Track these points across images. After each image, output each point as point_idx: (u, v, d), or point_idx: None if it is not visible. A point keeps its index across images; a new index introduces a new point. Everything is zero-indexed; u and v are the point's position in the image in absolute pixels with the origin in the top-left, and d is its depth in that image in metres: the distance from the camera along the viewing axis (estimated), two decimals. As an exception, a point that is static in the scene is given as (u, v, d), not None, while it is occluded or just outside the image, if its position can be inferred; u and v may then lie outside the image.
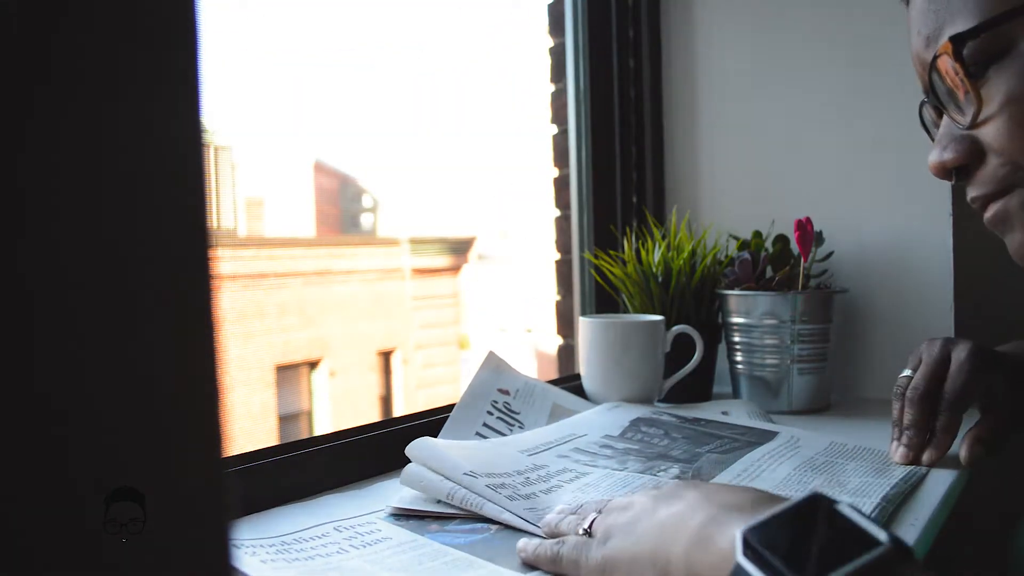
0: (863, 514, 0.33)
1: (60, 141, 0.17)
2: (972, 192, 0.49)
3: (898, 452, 0.66)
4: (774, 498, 0.41)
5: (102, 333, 0.18)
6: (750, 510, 0.38)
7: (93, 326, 0.18)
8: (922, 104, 0.55)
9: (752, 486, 0.59)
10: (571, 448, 0.69)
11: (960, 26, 0.45)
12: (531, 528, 0.52)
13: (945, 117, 0.50)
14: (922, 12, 0.49)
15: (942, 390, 0.65)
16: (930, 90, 0.50)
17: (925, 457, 0.65)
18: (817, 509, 0.34)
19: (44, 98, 0.17)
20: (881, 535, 0.32)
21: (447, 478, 0.57)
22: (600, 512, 0.47)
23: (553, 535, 0.49)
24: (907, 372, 0.68)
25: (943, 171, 0.50)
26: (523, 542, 0.49)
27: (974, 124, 0.47)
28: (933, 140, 0.53)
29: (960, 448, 0.65)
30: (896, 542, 0.32)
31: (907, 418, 0.66)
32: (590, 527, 0.46)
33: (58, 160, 0.17)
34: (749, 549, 0.34)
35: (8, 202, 0.17)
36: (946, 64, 0.47)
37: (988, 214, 0.49)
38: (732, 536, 0.35)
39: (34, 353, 0.17)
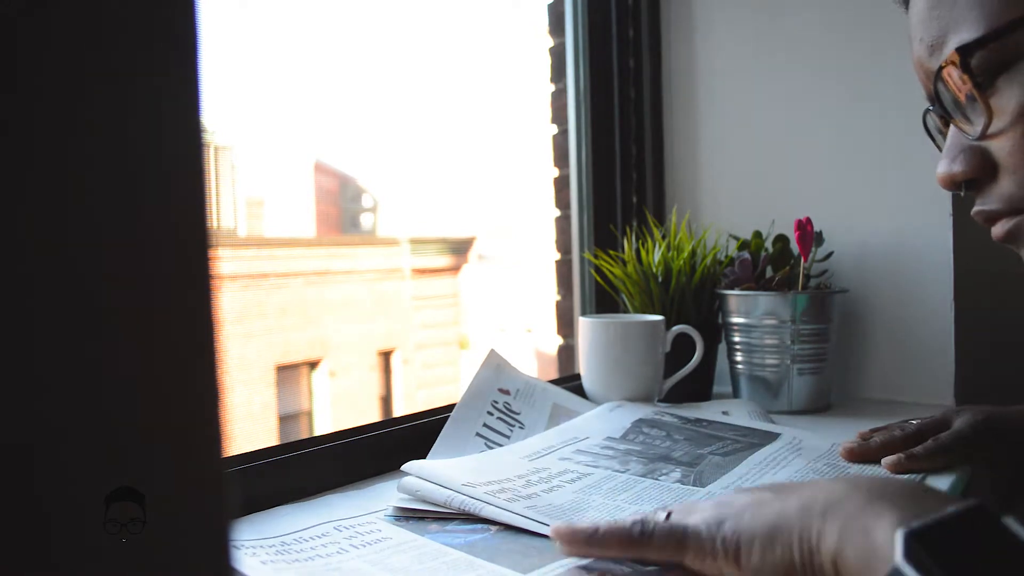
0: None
1: (60, 141, 0.17)
2: (981, 206, 0.48)
3: (846, 446, 0.64)
4: (928, 492, 0.38)
5: (102, 333, 0.18)
6: (906, 506, 0.35)
7: (93, 326, 0.18)
8: (926, 112, 0.53)
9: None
10: (573, 450, 0.69)
11: (966, 34, 0.44)
12: (532, 526, 0.52)
13: (952, 127, 0.48)
14: (924, 19, 0.48)
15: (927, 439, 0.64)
16: (935, 99, 0.48)
17: (890, 458, 0.63)
18: (982, 520, 0.33)
19: (44, 98, 0.17)
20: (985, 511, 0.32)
21: (445, 487, 0.57)
22: (671, 512, 0.43)
23: (573, 540, 0.45)
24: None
25: (952, 183, 0.48)
26: (567, 528, 0.45)
27: (984, 136, 0.45)
28: (939, 148, 0.51)
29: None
30: None
31: (879, 440, 0.65)
32: (668, 517, 0.43)
33: (58, 160, 0.17)
34: (911, 553, 0.31)
35: (8, 202, 0.17)
36: (953, 74, 0.45)
37: (998, 230, 0.47)
38: (889, 532, 0.33)
39: (34, 353, 0.17)
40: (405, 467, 0.60)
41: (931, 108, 0.51)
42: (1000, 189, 0.46)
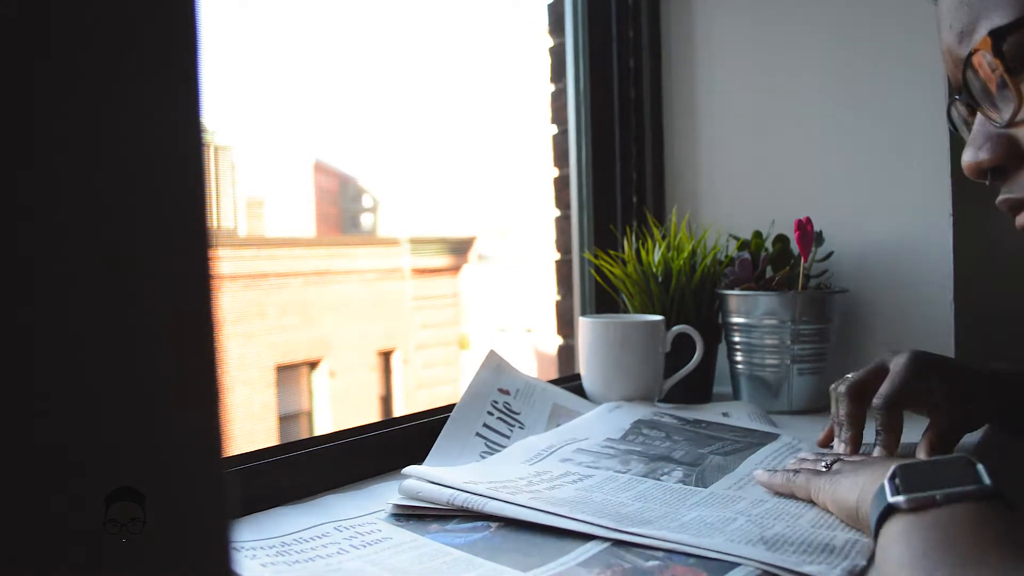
0: (989, 471, 0.42)
1: (60, 141, 0.17)
2: (1007, 194, 0.47)
3: (839, 449, 0.64)
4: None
5: (102, 333, 0.18)
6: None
7: (93, 326, 0.18)
8: (952, 102, 0.53)
9: (754, 491, 0.59)
10: (573, 450, 0.69)
11: (997, 20, 0.44)
12: (537, 517, 0.52)
13: (979, 115, 0.48)
14: (954, 6, 0.47)
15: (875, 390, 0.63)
16: (963, 87, 0.48)
17: (875, 454, 0.62)
18: (960, 463, 0.44)
19: (44, 98, 0.17)
20: (986, 480, 0.41)
21: (446, 487, 0.56)
22: (838, 459, 0.57)
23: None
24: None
25: (978, 171, 0.48)
26: (759, 471, 0.60)
27: (1012, 122, 0.45)
28: (964, 139, 0.51)
29: (917, 452, 0.63)
30: (993, 489, 0.40)
31: (840, 413, 0.64)
32: (828, 465, 0.56)
33: (58, 160, 0.17)
34: (892, 477, 0.44)
35: (8, 202, 0.17)
36: (983, 59, 0.45)
37: (1021, 220, 0.47)
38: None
39: (34, 353, 0.17)
40: (406, 471, 0.60)
41: (957, 97, 0.51)
42: None
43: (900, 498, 0.42)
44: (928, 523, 0.40)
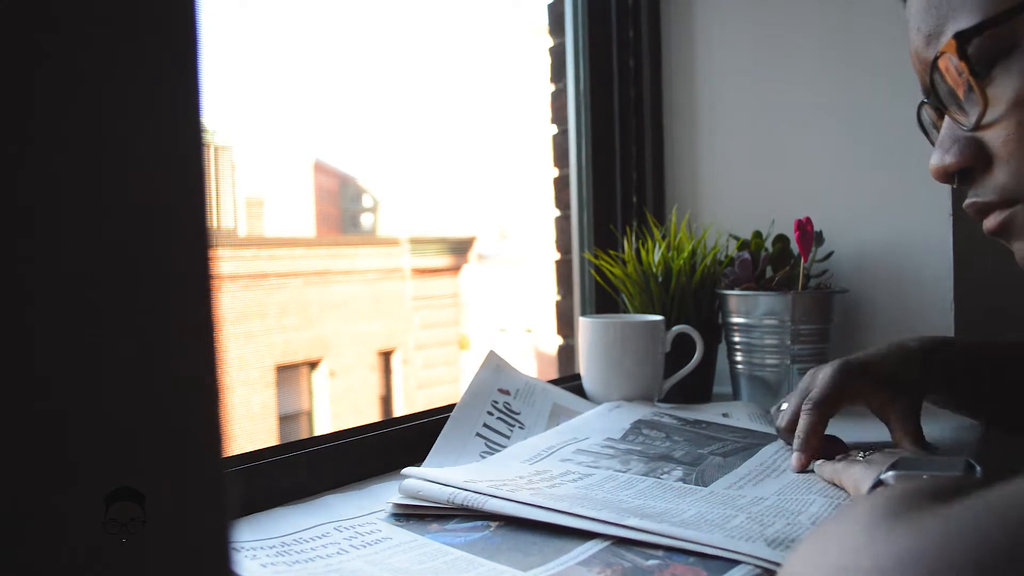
0: (985, 469, 0.45)
1: (60, 141, 0.17)
2: (974, 197, 0.48)
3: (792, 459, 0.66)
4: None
5: (102, 333, 0.18)
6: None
7: (93, 326, 0.18)
8: (921, 105, 0.53)
9: (754, 490, 0.59)
10: (573, 450, 0.69)
11: (964, 23, 0.44)
12: (537, 515, 0.52)
13: (947, 118, 0.48)
14: (922, 9, 0.47)
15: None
16: (931, 90, 0.48)
17: (793, 461, 0.65)
18: (958, 459, 0.47)
19: (44, 98, 0.17)
20: (978, 471, 0.46)
21: (446, 485, 0.56)
22: (874, 451, 0.60)
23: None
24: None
25: (944, 175, 0.48)
26: (819, 462, 0.63)
27: (979, 126, 0.45)
28: (932, 143, 0.51)
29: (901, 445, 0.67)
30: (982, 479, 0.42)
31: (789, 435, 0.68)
32: (865, 455, 0.59)
33: (58, 160, 0.17)
34: (895, 464, 0.49)
35: (8, 202, 0.17)
36: (949, 62, 0.45)
37: (990, 222, 0.47)
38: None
39: (34, 353, 0.17)
40: (405, 472, 0.60)
41: (926, 100, 0.51)
42: (994, 180, 0.45)
43: (890, 474, 0.47)
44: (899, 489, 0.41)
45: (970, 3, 0.44)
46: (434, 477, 0.57)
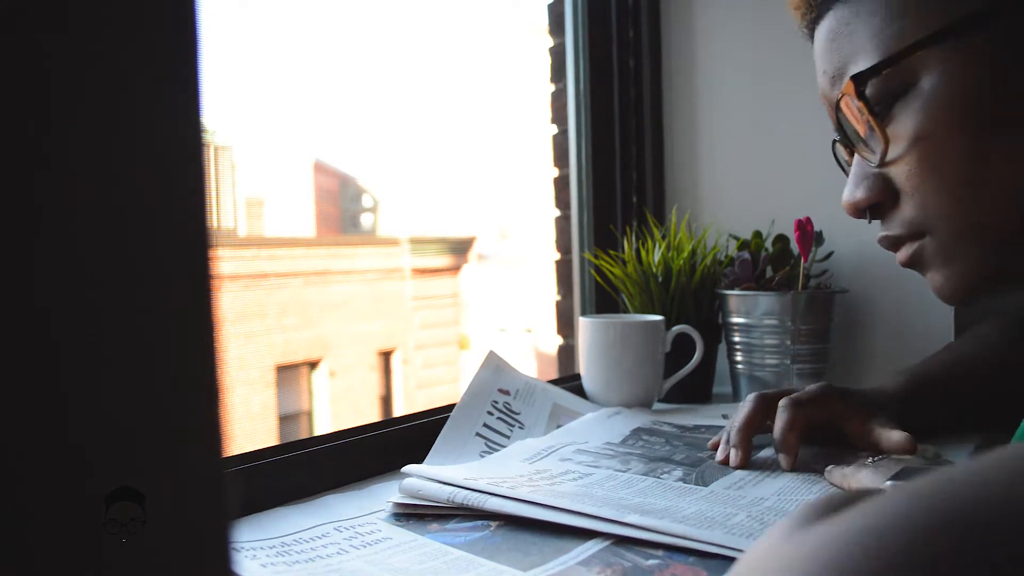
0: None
1: (60, 141, 0.17)
2: (885, 231, 0.49)
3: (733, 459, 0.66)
4: None
5: (102, 333, 0.18)
6: None
7: (93, 326, 0.18)
8: (834, 142, 0.55)
9: (754, 490, 0.59)
10: (573, 450, 0.69)
11: (862, 64, 0.45)
12: (537, 513, 0.52)
13: (856, 156, 0.49)
14: (825, 51, 0.49)
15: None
16: (839, 129, 0.49)
17: (781, 462, 0.64)
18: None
19: (44, 98, 0.17)
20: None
21: (446, 484, 0.56)
22: (885, 457, 0.58)
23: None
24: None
25: (856, 210, 0.49)
26: (829, 467, 0.60)
27: (883, 163, 0.46)
28: (847, 177, 0.52)
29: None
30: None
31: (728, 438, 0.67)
32: (875, 460, 0.57)
33: (58, 160, 0.17)
34: (895, 476, 0.49)
35: (8, 202, 0.17)
36: (851, 104, 0.46)
37: (902, 255, 0.49)
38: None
39: (34, 353, 0.17)
40: (405, 470, 0.60)
41: (836, 139, 0.53)
42: (902, 214, 0.47)
43: (888, 482, 0.46)
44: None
45: (868, 45, 0.45)
46: (434, 475, 0.57)
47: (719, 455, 0.66)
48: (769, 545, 0.23)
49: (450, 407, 0.75)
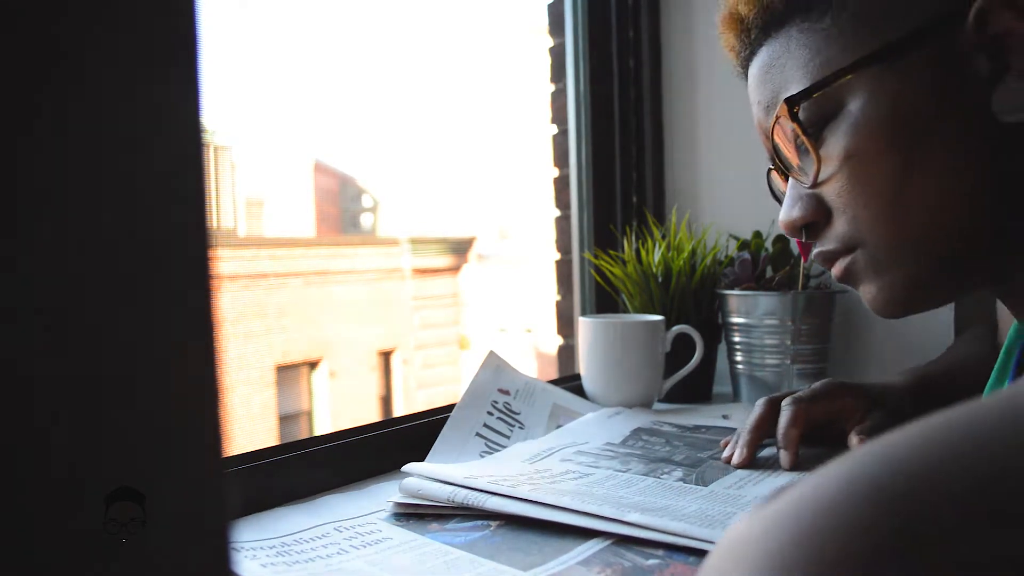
0: None
1: (60, 141, 0.17)
2: (820, 247, 0.51)
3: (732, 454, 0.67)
4: None
5: (102, 333, 0.18)
6: None
7: (93, 326, 0.18)
8: (768, 172, 0.57)
9: (755, 489, 0.59)
10: (574, 451, 0.69)
11: (794, 90, 0.47)
12: (537, 512, 0.52)
13: (790, 179, 0.51)
14: (759, 83, 0.52)
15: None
16: (773, 156, 0.52)
17: (782, 460, 0.65)
18: None
19: (44, 98, 0.17)
20: None
21: (447, 483, 0.56)
22: None
23: None
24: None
25: (793, 229, 0.52)
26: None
27: (816, 184, 0.48)
28: (780, 203, 0.54)
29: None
30: None
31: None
32: None
33: (58, 160, 0.17)
34: None
35: (8, 202, 0.17)
36: (784, 128, 0.48)
37: (836, 270, 0.51)
38: None
39: (34, 352, 0.17)
40: (405, 468, 0.60)
41: (771, 167, 0.55)
42: (835, 230, 0.49)
43: None
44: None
45: (798, 72, 0.48)
46: (434, 473, 0.57)
47: (725, 453, 0.67)
48: (731, 531, 0.24)
49: (450, 407, 0.75)
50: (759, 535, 0.22)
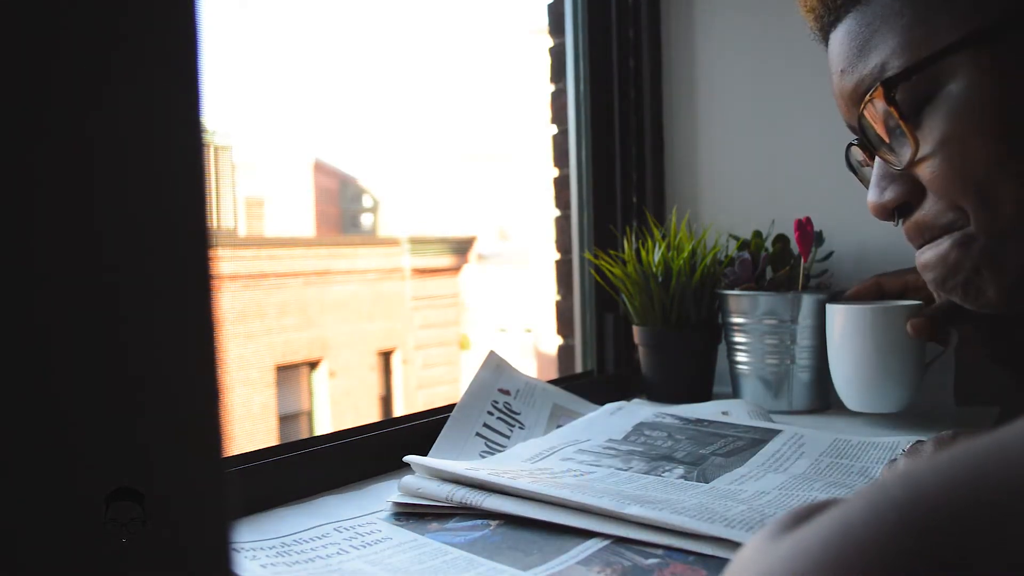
0: None
1: (60, 141, 0.17)
2: (911, 232, 0.50)
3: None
4: None
5: (102, 333, 0.18)
6: None
7: (93, 326, 0.18)
8: (849, 146, 0.55)
9: (756, 485, 0.59)
10: (575, 450, 0.69)
11: (891, 67, 0.45)
12: (537, 511, 0.52)
13: (878, 159, 0.49)
14: (845, 50, 0.49)
15: None
16: (860, 132, 0.49)
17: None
18: None
19: (44, 98, 0.17)
20: None
21: (446, 480, 0.56)
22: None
23: None
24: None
25: (884, 212, 0.50)
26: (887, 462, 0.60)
27: (911, 166, 0.46)
28: (860, 180, 0.53)
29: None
30: None
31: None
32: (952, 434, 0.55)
33: (58, 160, 0.17)
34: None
35: (9, 202, 0.17)
36: (877, 107, 0.46)
37: (924, 256, 0.49)
38: None
39: (34, 353, 0.17)
40: (407, 459, 0.60)
41: (854, 142, 0.53)
42: (927, 213, 0.48)
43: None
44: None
45: (892, 46, 0.45)
46: (436, 465, 0.57)
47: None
48: (751, 551, 0.24)
49: (450, 407, 0.75)
50: (783, 566, 0.22)
